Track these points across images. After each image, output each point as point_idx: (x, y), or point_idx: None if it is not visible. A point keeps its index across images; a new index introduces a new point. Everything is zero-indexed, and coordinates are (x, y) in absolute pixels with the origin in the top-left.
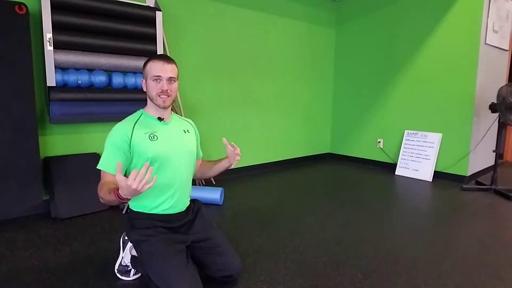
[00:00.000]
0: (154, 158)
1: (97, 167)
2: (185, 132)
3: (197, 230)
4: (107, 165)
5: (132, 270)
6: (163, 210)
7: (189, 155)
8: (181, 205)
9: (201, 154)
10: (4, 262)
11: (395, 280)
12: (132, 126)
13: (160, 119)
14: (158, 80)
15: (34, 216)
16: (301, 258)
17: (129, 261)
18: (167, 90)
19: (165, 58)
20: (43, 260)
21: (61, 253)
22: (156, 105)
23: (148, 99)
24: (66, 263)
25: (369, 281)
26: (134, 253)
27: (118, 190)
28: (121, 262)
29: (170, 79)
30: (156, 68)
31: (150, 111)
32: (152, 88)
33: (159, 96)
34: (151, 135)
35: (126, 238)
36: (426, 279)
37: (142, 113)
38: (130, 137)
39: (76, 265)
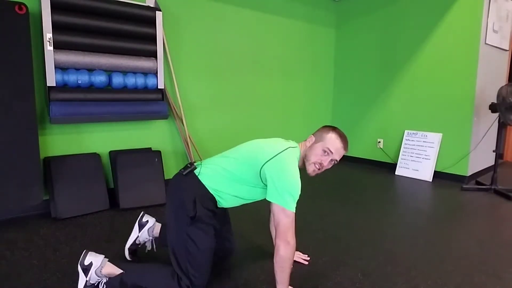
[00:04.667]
0: None
1: (291, 210)
2: None
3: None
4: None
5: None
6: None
7: None
8: None
9: None
10: (4, 262)
11: (395, 280)
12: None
13: None
14: (327, 154)
15: (34, 216)
16: None
17: (147, 237)
18: (324, 167)
19: (346, 144)
20: (43, 260)
21: (61, 253)
22: (306, 169)
23: (303, 148)
24: (66, 263)
25: (369, 281)
26: (152, 233)
27: None
28: (135, 241)
29: (334, 161)
30: (335, 146)
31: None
32: (316, 154)
33: (314, 164)
34: None
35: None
36: (426, 279)
37: (297, 159)
38: None
39: (76, 265)
